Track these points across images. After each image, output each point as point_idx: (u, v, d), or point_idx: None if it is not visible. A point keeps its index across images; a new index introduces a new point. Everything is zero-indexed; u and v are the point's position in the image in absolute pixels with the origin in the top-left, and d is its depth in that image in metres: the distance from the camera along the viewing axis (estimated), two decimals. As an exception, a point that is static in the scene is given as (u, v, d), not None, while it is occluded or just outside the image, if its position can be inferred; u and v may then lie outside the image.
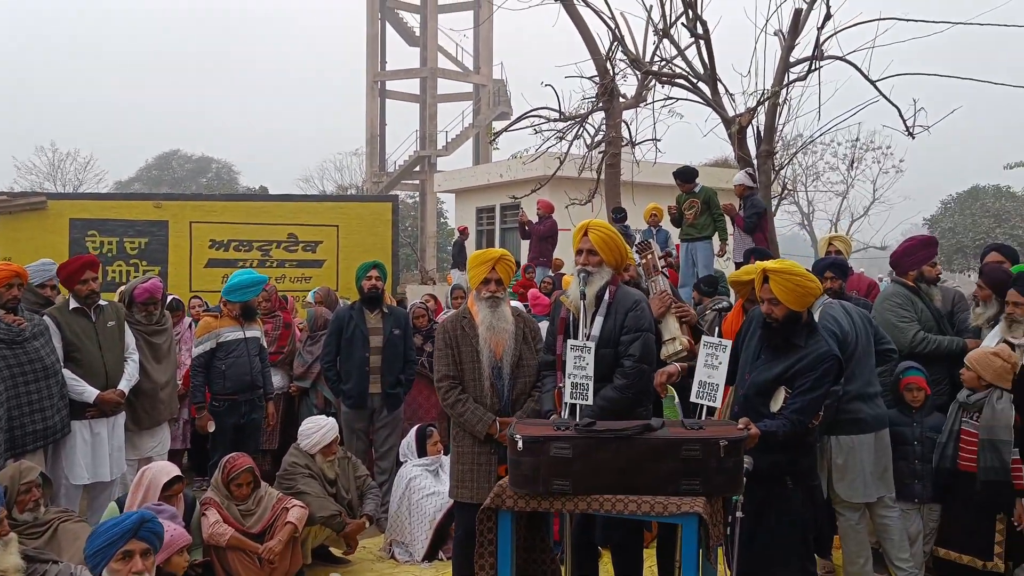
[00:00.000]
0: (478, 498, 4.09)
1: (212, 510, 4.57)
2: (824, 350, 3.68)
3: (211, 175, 50.40)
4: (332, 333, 6.28)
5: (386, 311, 6.28)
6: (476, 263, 4.29)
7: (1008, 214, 34.65)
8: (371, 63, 33.35)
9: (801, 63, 9.53)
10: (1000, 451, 4.25)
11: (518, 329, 4.30)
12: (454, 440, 4.36)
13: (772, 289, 3.66)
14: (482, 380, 4.22)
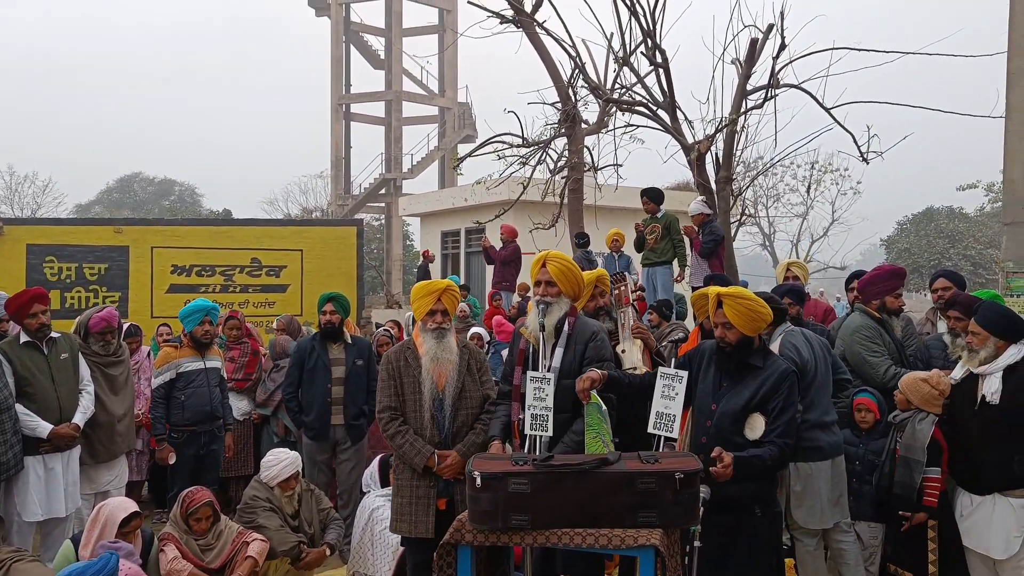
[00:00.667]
0: (416, 532, 4.11)
1: (170, 545, 4.50)
2: (784, 367, 3.78)
3: (174, 198, 49.87)
4: (294, 364, 6.23)
5: (349, 341, 6.24)
6: (421, 294, 4.26)
7: (961, 235, 35.47)
8: (336, 86, 33.33)
9: (758, 91, 9.73)
10: (912, 470, 4.44)
11: (462, 360, 4.29)
12: (394, 472, 4.35)
13: (726, 313, 3.74)
14: (422, 412, 4.20)
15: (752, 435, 3.71)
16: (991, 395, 4.23)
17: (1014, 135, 7.16)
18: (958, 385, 4.48)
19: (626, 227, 11.13)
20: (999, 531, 4.25)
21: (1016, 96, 7.14)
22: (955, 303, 4.98)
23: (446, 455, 4.13)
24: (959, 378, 4.47)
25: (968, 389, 4.41)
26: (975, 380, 4.37)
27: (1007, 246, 7.40)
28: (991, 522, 4.27)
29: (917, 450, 4.49)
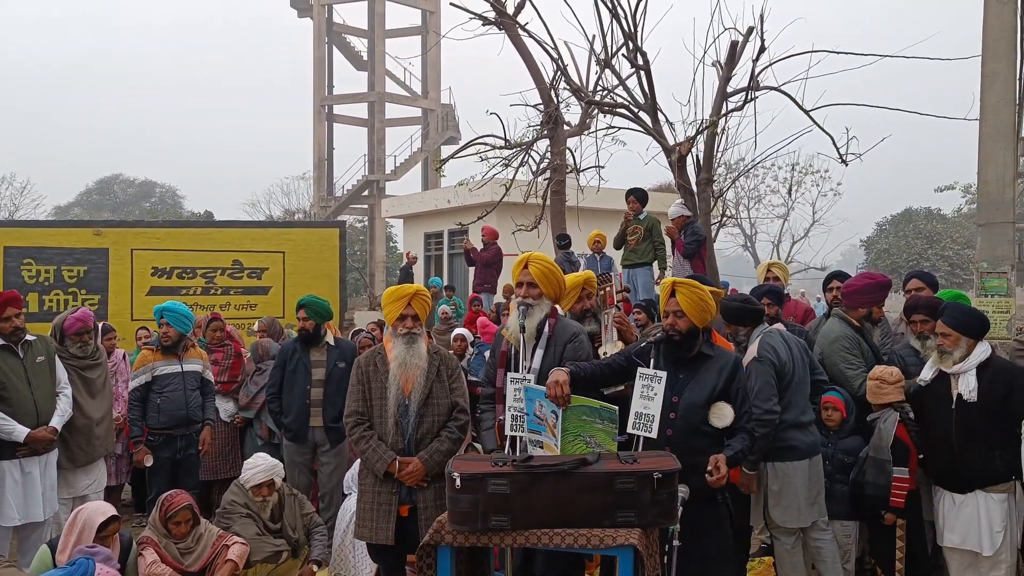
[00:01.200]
0: (377, 538, 4.11)
1: (149, 550, 4.48)
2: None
3: (155, 199, 49.57)
4: (277, 365, 6.22)
5: (332, 344, 6.23)
6: (391, 299, 4.25)
7: (939, 235, 35.88)
8: (318, 87, 33.23)
9: (738, 93, 9.80)
10: (880, 469, 4.52)
11: (432, 366, 4.26)
12: (359, 477, 4.35)
13: (679, 301, 3.80)
14: (386, 417, 4.19)
15: (720, 423, 3.76)
16: (968, 393, 4.29)
17: (988, 137, 7.25)
18: (929, 386, 4.51)
19: (608, 228, 11.17)
20: (985, 527, 4.32)
21: (990, 99, 7.23)
22: (918, 306, 5.01)
23: (407, 462, 4.12)
24: (929, 379, 4.50)
25: (940, 390, 4.46)
26: (946, 380, 4.42)
27: (981, 247, 7.49)
28: (978, 519, 4.33)
29: (883, 450, 4.57)
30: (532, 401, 3.69)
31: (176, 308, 6.03)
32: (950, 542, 4.46)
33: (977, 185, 7.41)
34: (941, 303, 4.96)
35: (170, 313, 5.96)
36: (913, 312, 5.02)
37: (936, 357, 4.44)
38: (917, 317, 4.96)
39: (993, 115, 7.16)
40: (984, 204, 7.49)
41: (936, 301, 5.01)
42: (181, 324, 5.96)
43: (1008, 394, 4.20)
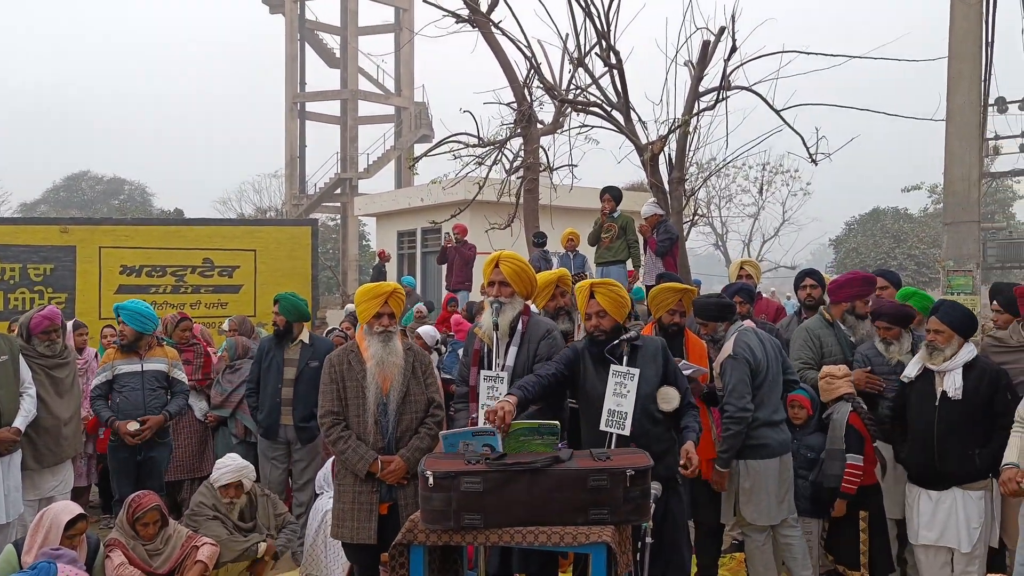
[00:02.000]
0: (357, 538, 4.07)
1: (117, 551, 4.42)
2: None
3: (123, 197, 48.85)
4: (255, 362, 6.23)
5: (306, 343, 6.19)
6: (367, 297, 4.19)
7: (906, 235, 36.37)
8: (290, 84, 32.97)
9: (710, 93, 9.88)
10: (834, 459, 4.63)
11: (407, 363, 4.23)
12: (336, 477, 4.30)
13: (600, 302, 3.87)
14: (366, 416, 4.14)
15: (669, 406, 3.86)
16: (954, 391, 4.33)
17: (954, 138, 7.36)
18: (912, 383, 4.55)
19: (582, 227, 11.20)
20: (963, 524, 4.37)
21: (956, 100, 7.34)
22: (882, 313, 5.06)
23: (389, 460, 4.08)
24: (913, 376, 4.54)
25: (924, 386, 4.49)
26: (931, 377, 4.46)
27: (947, 245, 7.61)
28: (956, 516, 4.39)
29: (836, 439, 4.67)
30: (454, 446, 3.50)
31: (132, 307, 5.85)
32: (927, 540, 4.49)
33: (943, 185, 7.54)
34: (906, 310, 5.08)
35: (126, 312, 5.80)
36: (877, 319, 5.08)
37: (925, 354, 4.46)
38: (881, 324, 5.03)
39: (959, 116, 7.27)
40: (950, 203, 7.61)
41: (901, 307, 5.10)
42: (138, 323, 5.76)
43: (993, 394, 4.27)
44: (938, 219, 34.19)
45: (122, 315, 5.84)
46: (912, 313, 5.14)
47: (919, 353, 4.56)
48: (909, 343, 4.99)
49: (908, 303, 5.35)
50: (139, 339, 5.84)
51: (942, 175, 7.84)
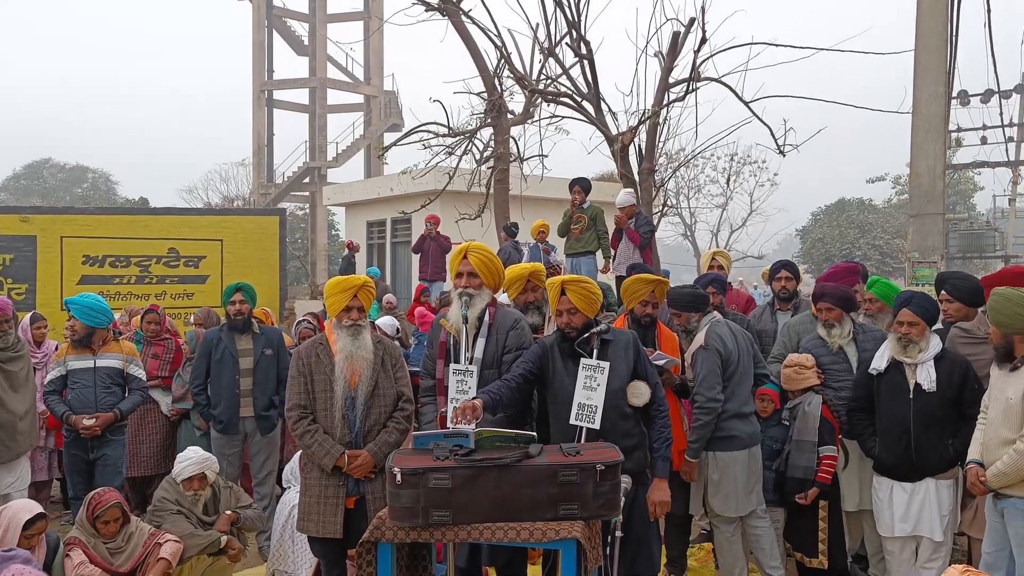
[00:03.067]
0: (323, 532, 4.04)
1: (77, 550, 4.30)
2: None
3: (87, 185, 47.99)
4: (201, 356, 6.04)
5: (257, 332, 6.10)
6: (336, 291, 4.16)
7: (871, 225, 36.86)
8: (258, 71, 32.48)
9: (680, 84, 9.89)
10: (803, 451, 4.64)
11: (377, 357, 4.20)
12: (302, 471, 4.26)
13: (571, 299, 3.84)
14: (333, 411, 4.11)
15: (639, 401, 3.85)
16: (928, 383, 4.34)
17: (920, 130, 7.43)
18: (883, 376, 4.53)
19: (552, 217, 11.18)
20: (935, 513, 4.42)
21: (922, 92, 7.41)
22: (824, 294, 5.06)
23: (356, 455, 4.05)
24: (882, 368, 4.52)
25: (895, 379, 4.48)
26: (901, 369, 4.45)
27: (913, 237, 7.69)
28: (930, 506, 4.42)
29: (808, 431, 4.68)
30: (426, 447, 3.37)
31: (82, 300, 5.65)
32: (903, 531, 4.50)
33: (909, 177, 7.62)
34: (848, 293, 5.10)
35: (75, 306, 5.61)
36: (819, 300, 5.08)
37: (898, 347, 4.42)
38: (823, 304, 5.04)
39: (925, 108, 7.34)
40: (915, 195, 7.68)
41: (841, 290, 5.13)
42: (88, 317, 5.58)
43: (963, 384, 4.30)
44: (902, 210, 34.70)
45: (72, 310, 5.65)
46: (853, 297, 5.15)
47: (887, 345, 4.55)
48: (850, 327, 5.00)
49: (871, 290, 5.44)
50: (91, 334, 5.66)
51: (907, 167, 7.95)
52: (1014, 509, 3.79)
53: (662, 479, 3.90)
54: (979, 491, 3.93)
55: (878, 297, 5.36)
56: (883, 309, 5.32)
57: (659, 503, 3.89)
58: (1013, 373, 3.83)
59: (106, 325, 5.74)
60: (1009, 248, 27.83)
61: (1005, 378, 3.87)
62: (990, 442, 3.89)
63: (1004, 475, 3.75)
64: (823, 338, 5.04)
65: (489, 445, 3.30)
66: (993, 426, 3.89)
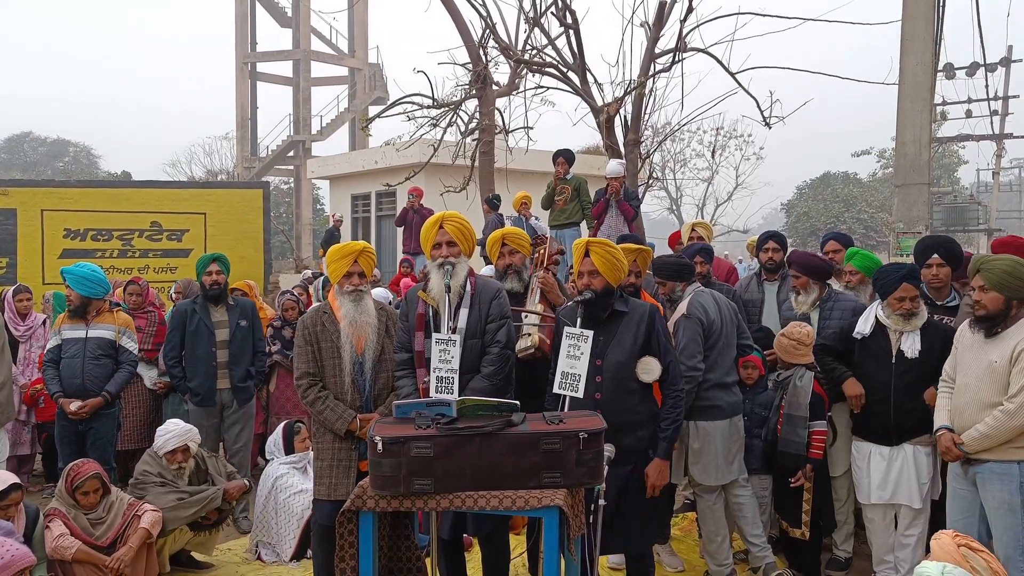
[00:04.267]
0: (335, 495, 4.05)
1: (57, 521, 4.28)
2: (647, 305, 3.93)
3: (68, 159, 47.40)
4: (174, 328, 5.98)
5: (232, 303, 6.05)
6: (337, 256, 4.17)
7: (855, 199, 36.95)
8: (240, 43, 32.05)
9: (666, 54, 9.81)
10: (796, 426, 4.64)
11: (380, 322, 4.24)
12: (314, 437, 4.28)
13: (593, 261, 3.80)
14: (343, 376, 4.15)
15: (649, 377, 3.81)
16: (911, 351, 4.41)
17: (906, 99, 7.40)
18: (866, 340, 4.60)
19: (537, 190, 11.12)
20: (914, 481, 4.46)
21: (909, 61, 7.37)
22: (793, 261, 5.20)
23: (368, 418, 4.06)
24: (867, 333, 4.59)
25: (878, 344, 4.55)
26: (886, 335, 4.52)
27: (898, 207, 7.69)
28: (908, 473, 4.47)
29: (799, 407, 4.67)
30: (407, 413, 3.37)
31: (77, 271, 5.62)
32: (880, 499, 4.55)
33: (895, 147, 7.58)
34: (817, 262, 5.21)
35: (70, 276, 5.58)
36: (789, 267, 5.25)
37: (900, 320, 4.46)
38: (792, 272, 5.20)
39: (911, 77, 7.30)
40: (901, 165, 7.67)
41: (809, 256, 5.28)
42: (83, 287, 5.55)
43: (943, 352, 4.30)
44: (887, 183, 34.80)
45: (68, 279, 5.61)
46: (825, 266, 5.24)
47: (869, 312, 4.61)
48: (816, 295, 5.10)
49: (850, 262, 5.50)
50: (86, 304, 5.63)
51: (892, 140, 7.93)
52: (990, 474, 3.82)
53: (663, 460, 3.87)
54: (952, 456, 3.96)
55: (858, 269, 5.37)
56: (863, 281, 5.36)
57: (655, 484, 3.86)
58: (993, 338, 3.86)
59: (101, 295, 5.71)
60: (992, 222, 28.00)
61: (983, 343, 3.89)
62: (965, 407, 3.91)
63: (987, 437, 3.77)
64: (791, 305, 5.18)
65: (471, 414, 3.28)
66: (969, 391, 3.91)
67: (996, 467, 3.80)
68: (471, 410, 3.27)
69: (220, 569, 5.19)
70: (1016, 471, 3.76)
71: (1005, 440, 3.75)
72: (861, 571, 5.01)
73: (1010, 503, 3.74)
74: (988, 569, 2.42)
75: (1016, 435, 3.73)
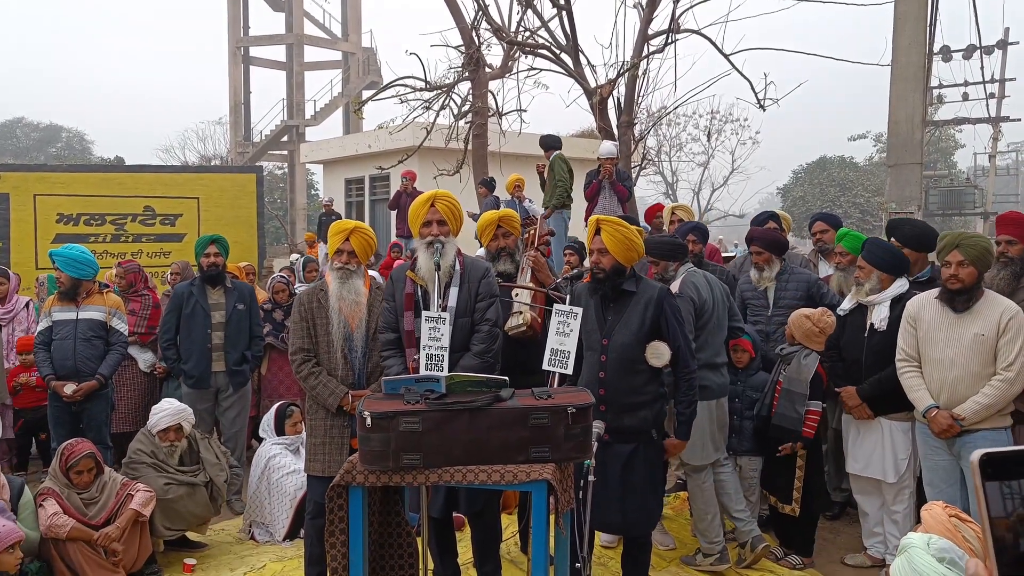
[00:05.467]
0: (329, 471, 4.06)
1: (50, 500, 4.29)
2: (658, 289, 3.91)
3: (61, 145, 47.12)
4: (171, 310, 5.99)
5: (229, 286, 6.06)
6: (333, 232, 4.25)
7: (851, 183, 36.93)
8: (233, 28, 31.83)
9: (659, 35, 9.77)
10: (794, 402, 4.65)
11: (375, 300, 4.27)
12: (308, 413, 4.32)
13: (603, 239, 3.81)
14: (335, 353, 4.19)
15: (659, 362, 3.80)
16: (879, 323, 4.49)
17: (899, 79, 7.39)
18: (847, 316, 4.71)
19: (529, 173, 11.10)
20: (889, 456, 4.50)
21: (902, 40, 7.35)
22: (754, 238, 5.42)
23: (361, 395, 4.08)
24: (848, 308, 4.70)
25: (856, 320, 4.67)
26: (864, 311, 4.62)
27: (890, 187, 7.69)
28: (881, 447, 4.53)
29: (800, 383, 4.68)
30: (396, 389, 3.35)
31: (66, 252, 5.60)
32: (853, 469, 4.69)
33: (888, 126, 7.58)
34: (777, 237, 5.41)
35: (59, 258, 5.57)
36: (750, 243, 5.44)
37: (853, 288, 4.68)
38: (753, 248, 5.39)
39: (905, 56, 7.29)
40: (894, 145, 7.66)
41: (768, 234, 5.45)
42: (73, 268, 5.54)
43: None
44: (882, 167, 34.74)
45: (57, 262, 5.60)
46: (785, 242, 5.47)
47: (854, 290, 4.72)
48: (776, 270, 5.30)
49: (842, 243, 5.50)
50: (76, 286, 5.62)
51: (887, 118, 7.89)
52: (983, 441, 3.88)
53: (682, 441, 4.02)
54: (952, 433, 3.98)
55: (848, 251, 5.36)
56: (853, 261, 5.34)
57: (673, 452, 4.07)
58: (968, 312, 3.96)
59: (91, 277, 5.69)
60: (988, 205, 28.01)
61: (957, 319, 3.98)
62: (957, 382, 3.96)
63: (989, 407, 3.86)
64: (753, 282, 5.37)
65: (460, 390, 3.28)
66: (957, 366, 3.97)
67: (989, 435, 3.90)
68: (460, 386, 3.28)
69: (214, 549, 5.21)
70: (1006, 437, 3.93)
71: (1002, 408, 3.88)
72: (851, 547, 5.05)
73: None
74: (977, 539, 2.43)
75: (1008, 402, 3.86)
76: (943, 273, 4.02)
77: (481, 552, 4.19)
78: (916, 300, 4.20)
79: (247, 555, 5.10)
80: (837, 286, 5.24)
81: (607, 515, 3.79)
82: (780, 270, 5.33)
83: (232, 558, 5.06)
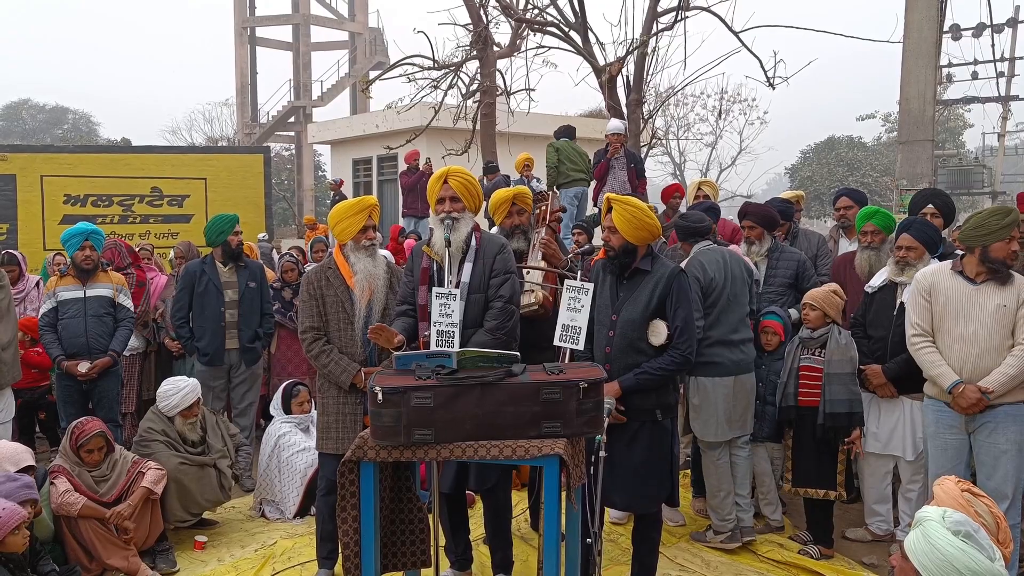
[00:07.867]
0: (342, 449, 4.08)
1: (62, 478, 4.30)
2: (672, 268, 3.86)
3: (67, 126, 47.09)
4: (184, 288, 6.01)
5: (241, 264, 6.08)
6: (351, 212, 4.19)
7: (860, 163, 36.66)
8: (239, 8, 31.66)
9: (669, 12, 9.68)
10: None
11: (386, 278, 4.29)
12: (319, 391, 4.32)
13: (613, 218, 3.79)
14: (350, 331, 4.19)
15: (657, 341, 3.77)
16: None
17: (911, 55, 7.31)
18: (875, 294, 4.64)
19: (538, 153, 11.05)
20: (908, 433, 4.49)
21: (913, 16, 7.27)
22: (747, 213, 5.38)
23: (373, 371, 4.08)
24: (877, 286, 4.63)
25: (885, 298, 4.60)
26: (893, 289, 4.56)
27: (902, 164, 7.63)
28: (904, 425, 4.52)
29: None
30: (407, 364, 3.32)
31: (85, 228, 5.72)
32: (874, 448, 4.63)
33: (899, 103, 7.50)
34: (769, 212, 5.37)
35: (96, 236, 5.69)
36: (743, 218, 5.40)
37: (895, 269, 4.53)
38: (746, 223, 5.35)
39: (916, 32, 7.19)
40: (905, 121, 7.58)
41: (765, 208, 5.43)
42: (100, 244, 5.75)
43: None
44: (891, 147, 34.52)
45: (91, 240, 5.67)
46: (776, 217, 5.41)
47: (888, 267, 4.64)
48: (768, 246, 5.29)
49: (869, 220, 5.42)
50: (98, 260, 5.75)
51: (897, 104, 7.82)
52: (1004, 416, 3.87)
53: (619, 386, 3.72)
54: (980, 407, 3.90)
55: (880, 228, 5.22)
56: (884, 239, 5.21)
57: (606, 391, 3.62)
58: (985, 284, 3.90)
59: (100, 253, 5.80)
60: (997, 184, 27.79)
61: (976, 290, 3.91)
62: (981, 356, 3.89)
63: (1014, 379, 3.81)
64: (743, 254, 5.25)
65: (472, 365, 3.27)
66: (979, 339, 3.90)
67: (1011, 409, 3.87)
68: (471, 361, 3.27)
69: (224, 526, 5.24)
70: None
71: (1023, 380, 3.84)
72: (852, 522, 5.05)
73: (1021, 443, 3.84)
74: (989, 513, 2.43)
75: None
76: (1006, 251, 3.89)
77: (493, 528, 4.21)
78: (928, 272, 4.10)
79: (258, 532, 5.13)
80: (867, 264, 5.01)
81: (608, 492, 3.77)
82: (771, 247, 5.30)
83: (243, 535, 5.09)
